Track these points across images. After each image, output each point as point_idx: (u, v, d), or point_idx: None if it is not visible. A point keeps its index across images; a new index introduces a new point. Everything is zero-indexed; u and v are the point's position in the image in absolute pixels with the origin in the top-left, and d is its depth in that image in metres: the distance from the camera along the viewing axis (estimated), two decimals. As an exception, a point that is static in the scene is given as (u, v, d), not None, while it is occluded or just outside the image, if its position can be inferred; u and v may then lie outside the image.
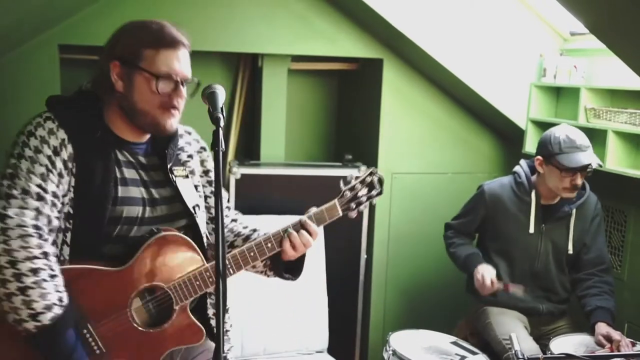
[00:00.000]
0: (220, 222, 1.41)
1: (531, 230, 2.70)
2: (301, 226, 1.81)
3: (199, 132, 1.99)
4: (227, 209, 2.00)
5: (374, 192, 1.90)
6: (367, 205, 1.91)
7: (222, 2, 3.04)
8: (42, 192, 1.57)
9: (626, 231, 2.91)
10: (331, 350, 3.01)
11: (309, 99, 3.83)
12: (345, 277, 3.30)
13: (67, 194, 1.62)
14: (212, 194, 1.90)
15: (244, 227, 1.98)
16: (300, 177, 3.20)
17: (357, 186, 1.87)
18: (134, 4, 2.81)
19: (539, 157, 2.65)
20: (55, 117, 1.64)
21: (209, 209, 1.91)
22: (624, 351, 2.35)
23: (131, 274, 1.66)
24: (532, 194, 2.70)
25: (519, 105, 3.26)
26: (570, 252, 2.71)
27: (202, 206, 1.85)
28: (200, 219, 1.82)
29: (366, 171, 1.90)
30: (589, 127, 2.85)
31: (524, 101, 3.25)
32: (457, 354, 2.47)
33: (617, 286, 2.74)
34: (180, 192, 1.77)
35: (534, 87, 3.22)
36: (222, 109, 1.53)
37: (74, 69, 2.92)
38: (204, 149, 1.92)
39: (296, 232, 1.80)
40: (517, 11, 3.22)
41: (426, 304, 3.53)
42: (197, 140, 1.93)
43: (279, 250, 1.80)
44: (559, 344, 2.45)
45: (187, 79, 1.71)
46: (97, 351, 1.63)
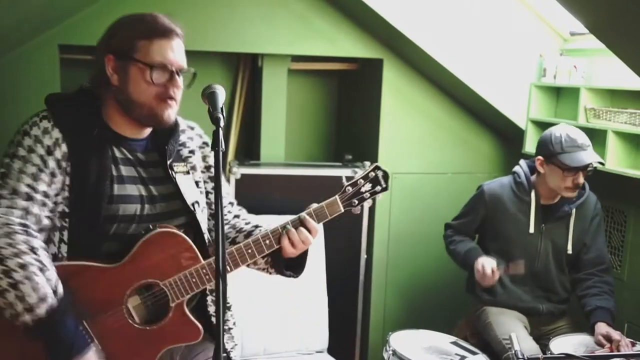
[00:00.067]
0: (220, 221, 1.41)
1: (531, 230, 2.70)
2: (300, 223, 1.77)
3: (199, 132, 1.98)
4: (230, 204, 1.98)
5: (377, 188, 1.84)
6: (370, 201, 1.85)
7: (222, 2, 3.04)
8: (32, 192, 1.58)
9: (626, 231, 2.91)
10: (331, 350, 3.01)
11: (309, 99, 3.83)
12: (345, 277, 3.29)
13: (60, 193, 1.62)
14: (212, 190, 1.88)
15: (246, 223, 1.96)
16: (300, 177, 3.19)
17: (360, 182, 1.83)
18: (134, 4, 2.80)
19: (540, 157, 2.65)
20: (51, 116, 1.64)
21: (210, 205, 1.89)
22: (624, 351, 2.35)
23: (126, 270, 1.65)
24: (532, 194, 2.70)
25: (519, 105, 3.26)
26: (569, 252, 2.71)
27: (202, 203, 1.84)
28: (200, 216, 1.80)
29: (370, 167, 1.85)
30: (589, 127, 2.85)
31: (524, 101, 3.25)
32: (457, 354, 2.47)
33: (617, 286, 2.74)
34: (180, 188, 1.75)
35: (534, 87, 3.22)
36: (222, 109, 1.53)
37: (74, 69, 2.92)
38: (206, 144, 1.89)
39: (295, 229, 1.76)
40: (517, 11, 3.22)
41: (426, 304, 3.53)
42: (200, 135, 1.91)
43: (277, 247, 1.76)
44: (559, 344, 2.45)
45: (183, 69, 1.70)
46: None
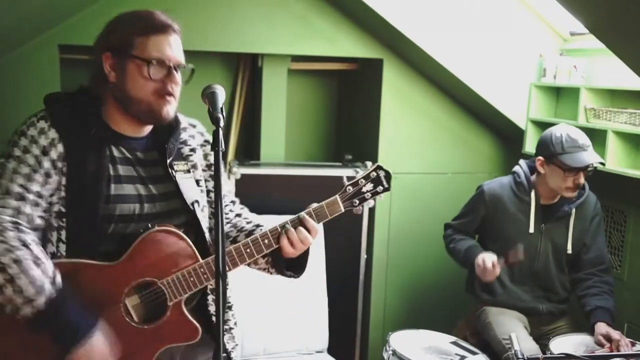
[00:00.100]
0: (220, 221, 1.41)
1: (531, 230, 2.70)
2: (299, 222, 1.75)
3: (199, 132, 1.98)
4: (232, 203, 1.97)
5: (379, 188, 1.80)
6: (372, 202, 1.82)
7: (222, 2, 3.04)
8: (25, 192, 1.59)
9: (626, 231, 2.91)
10: (331, 350, 3.01)
11: (309, 99, 3.83)
12: (345, 277, 3.29)
13: (55, 193, 1.62)
14: (213, 189, 1.85)
15: (248, 222, 1.94)
16: (300, 177, 3.19)
17: (361, 181, 1.80)
18: (134, 4, 2.78)
19: (540, 157, 2.65)
20: (49, 116, 1.65)
21: (211, 203, 1.87)
22: (624, 351, 2.36)
23: (124, 268, 1.65)
24: (532, 194, 2.70)
25: (519, 105, 3.26)
26: (569, 251, 2.72)
27: (203, 201, 1.82)
28: (200, 215, 1.79)
29: (372, 166, 1.82)
30: (589, 127, 2.85)
31: (524, 101, 3.25)
32: (457, 354, 2.47)
33: (617, 286, 2.74)
34: (179, 188, 1.74)
35: (533, 87, 3.22)
36: (222, 109, 1.53)
37: (74, 69, 2.92)
38: (207, 142, 1.87)
39: (294, 228, 1.74)
40: (517, 11, 3.22)
41: (426, 304, 3.54)
42: (202, 133, 1.90)
43: (276, 247, 1.74)
44: (559, 344, 2.45)
45: (180, 64, 1.69)
46: None
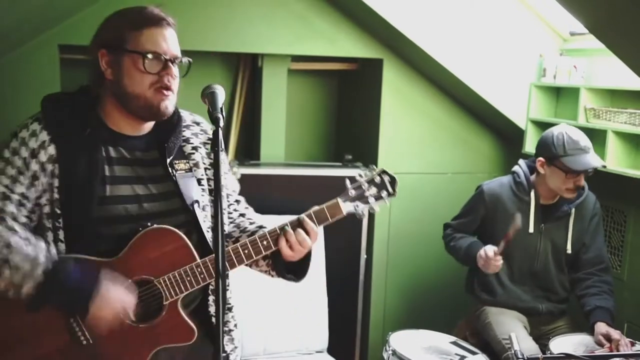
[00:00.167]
0: (220, 222, 1.40)
1: (530, 230, 2.70)
2: (299, 224, 1.72)
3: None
4: (237, 202, 1.94)
5: (384, 193, 1.75)
6: (376, 207, 1.77)
7: (222, 2, 3.04)
8: (8, 192, 1.60)
9: (626, 231, 2.92)
10: (331, 350, 3.01)
11: (309, 99, 3.84)
12: (345, 277, 3.29)
13: (43, 195, 1.62)
14: None
15: (251, 222, 1.90)
16: (300, 177, 3.20)
17: (364, 185, 1.75)
18: (134, 4, 2.80)
19: (541, 158, 2.64)
20: (42, 118, 1.64)
21: (213, 202, 1.83)
22: (623, 351, 2.36)
23: (120, 265, 1.63)
24: (532, 194, 2.70)
25: (519, 105, 3.26)
26: (569, 251, 2.72)
27: (204, 201, 1.79)
28: (200, 215, 1.76)
29: (377, 170, 1.77)
30: (589, 127, 2.85)
31: (524, 101, 3.25)
32: (457, 354, 2.47)
33: (616, 286, 2.74)
34: (179, 187, 1.72)
35: (533, 87, 3.22)
36: (221, 109, 1.52)
37: (74, 69, 2.92)
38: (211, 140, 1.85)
39: (293, 230, 1.70)
40: (517, 11, 3.22)
41: (426, 304, 3.54)
42: (205, 131, 1.86)
43: (275, 249, 1.72)
44: (559, 344, 2.45)
45: (176, 57, 1.66)
46: (83, 342, 1.62)
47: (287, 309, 2.93)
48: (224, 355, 1.43)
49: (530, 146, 3.20)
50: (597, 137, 2.81)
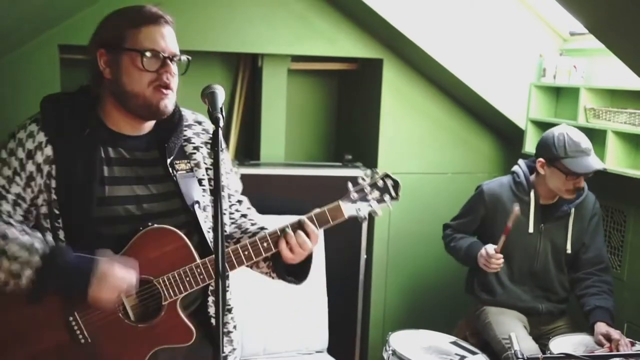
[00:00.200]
0: (219, 222, 1.40)
1: (530, 230, 2.70)
2: (299, 226, 1.70)
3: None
4: (239, 202, 1.92)
5: (386, 197, 1.74)
6: (379, 211, 1.75)
7: (222, 2, 3.04)
8: (4, 192, 1.61)
9: (626, 231, 2.92)
10: (331, 350, 3.01)
11: (309, 99, 3.84)
12: (345, 277, 3.29)
13: (39, 195, 1.62)
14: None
15: (252, 223, 1.89)
16: (300, 177, 3.20)
17: (367, 189, 1.73)
18: (134, 4, 2.81)
19: (541, 159, 2.64)
20: (40, 119, 1.64)
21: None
22: (623, 351, 2.36)
23: None
24: (531, 194, 2.70)
25: (519, 105, 3.27)
26: (569, 251, 2.72)
27: (205, 201, 1.78)
28: (201, 215, 1.75)
29: (380, 174, 1.75)
30: (589, 127, 2.85)
31: (524, 101, 3.25)
32: (456, 354, 2.47)
33: (616, 286, 2.74)
34: (180, 187, 1.71)
35: (533, 87, 3.22)
36: (221, 109, 1.52)
37: (74, 69, 2.92)
38: None
39: (293, 232, 1.69)
40: (517, 11, 3.22)
41: (426, 304, 3.54)
42: (207, 131, 1.85)
43: (275, 251, 1.70)
44: (559, 344, 2.45)
45: (175, 55, 1.65)
46: (82, 340, 1.62)
47: (287, 309, 2.93)
48: (222, 356, 1.42)
49: (530, 146, 3.20)
50: (597, 137, 2.81)
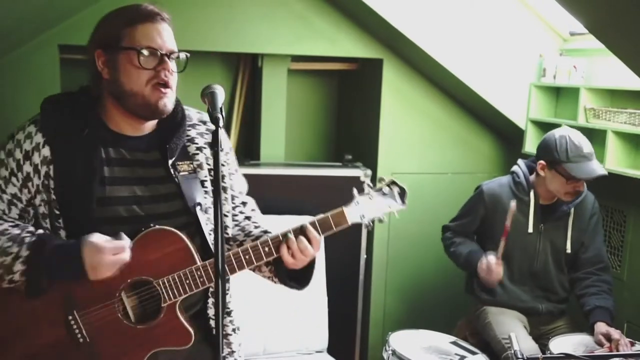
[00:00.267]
0: (219, 224, 1.40)
1: (530, 230, 2.70)
2: (301, 231, 1.68)
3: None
4: (243, 204, 1.90)
5: (392, 204, 1.72)
6: (384, 217, 1.73)
7: (222, 2, 3.04)
8: (0, 192, 1.63)
9: (625, 231, 2.91)
10: (331, 350, 3.01)
11: (309, 99, 3.84)
12: (345, 277, 3.29)
13: (36, 196, 1.63)
14: (222, 190, 1.79)
15: (256, 226, 1.87)
16: (300, 177, 3.19)
17: (372, 195, 1.71)
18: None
19: (542, 161, 2.63)
20: (39, 120, 1.65)
21: None
22: (623, 351, 2.36)
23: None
24: (531, 194, 2.70)
25: (519, 105, 3.26)
26: (568, 251, 2.72)
27: (207, 203, 1.75)
28: (202, 217, 1.73)
29: (386, 181, 1.73)
30: (589, 127, 2.85)
31: (524, 101, 3.25)
32: (456, 354, 2.47)
33: (616, 286, 2.74)
34: (181, 189, 1.70)
35: (533, 87, 3.22)
36: (221, 109, 1.51)
37: (74, 69, 2.92)
38: None
39: (295, 237, 1.67)
40: (517, 11, 3.22)
41: (426, 304, 3.54)
42: (211, 130, 1.80)
43: (277, 255, 1.69)
44: (558, 344, 2.45)
45: (173, 52, 1.64)
46: (80, 339, 1.62)
47: (287, 309, 2.93)
48: (222, 356, 1.42)
49: (530, 146, 3.21)
50: (596, 137, 2.81)
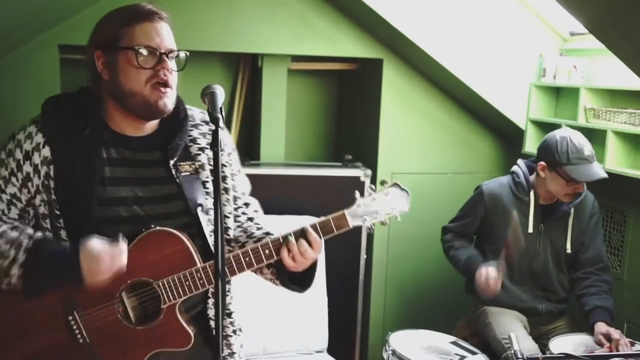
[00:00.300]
0: (219, 226, 1.40)
1: (530, 230, 2.70)
2: (301, 234, 1.66)
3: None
4: (246, 205, 1.88)
5: (395, 208, 1.70)
6: (386, 220, 1.70)
7: (222, 2, 3.04)
8: (0, 193, 1.63)
9: (625, 231, 2.91)
10: (331, 350, 3.01)
11: (309, 99, 3.84)
12: (345, 277, 3.29)
13: (36, 196, 1.63)
14: (224, 191, 1.79)
15: (258, 228, 1.85)
16: (300, 177, 3.19)
17: (375, 197, 1.69)
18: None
19: (543, 162, 2.63)
20: (39, 120, 1.64)
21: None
22: (623, 351, 2.36)
23: None
24: (531, 194, 2.70)
25: (519, 105, 3.26)
26: (568, 251, 2.72)
27: (208, 204, 1.74)
28: (203, 219, 1.72)
29: (389, 184, 1.71)
30: (589, 127, 2.85)
31: (524, 101, 3.25)
32: (456, 354, 2.47)
33: (616, 286, 2.74)
34: (183, 190, 1.69)
35: (533, 87, 3.22)
36: (221, 109, 1.51)
37: (74, 69, 2.92)
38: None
39: (296, 240, 1.66)
40: (517, 11, 3.22)
41: (426, 304, 3.54)
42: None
43: (277, 258, 1.68)
44: (558, 344, 2.45)
45: (172, 51, 1.63)
46: (80, 340, 1.62)
47: (287, 309, 2.93)
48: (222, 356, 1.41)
49: (530, 146, 3.21)
50: (596, 137, 2.81)
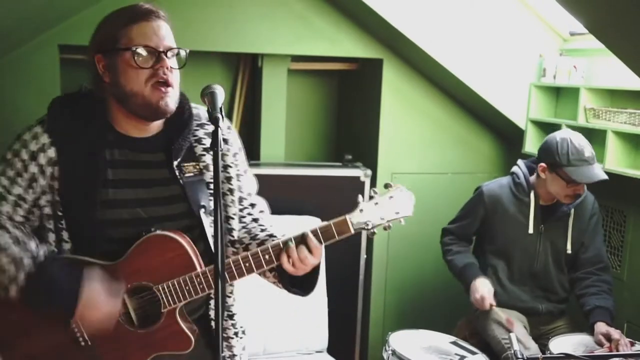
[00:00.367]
0: (219, 226, 1.40)
1: (530, 230, 2.70)
2: (302, 240, 1.64)
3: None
4: (252, 206, 1.84)
5: (397, 212, 1.65)
6: (390, 224, 1.66)
7: (222, 2, 3.04)
8: (5, 193, 1.61)
9: (625, 231, 2.91)
10: (331, 350, 3.01)
11: (309, 99, 3.84)
12: (345, 277, 3.30)
13: (41, 197, 1.62)
14: (229, 192, 1.77)
15: (262, 229, 1.83)
16: (300, 177, 3.19)
17: (378, 202, 1.64)
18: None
19: (543, 164, 2.63)
20: (45, 121, 1.64)
21: (224, 207, 1.77)
22: (623, 351, 2.36)
23: (121, 269, 1.62)
24: (531, 195, 2.70)
25: (519, 105, 3.26)
26: (569, 252, 2.72)
27: (212, 206, 1.71)
28: (206, 220, 1.70)
29: (392, 188, 1.65)
30: (589, 127, 2.85)
31: (524, 101, 3.25)
32: (456, 354, 2.47)
33: (616, 286, 2.74)
34: (186, 191, 1.68)
35: (533, 87, 3.22)
36: (221, 109, 1.51)
37: (74, 69, 2.92)
38: (225, 141, 1.67)
39: (296, 246, 1.63)
40: (517, 11, 3.22)
41: (426, 304, 3.54)
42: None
43: (277, 264, 1.65)
44: (558, 344, 2.45)
45: (171, 48, 1.61)
46: (82, 343, 1.62)
47: (287, 309, 2.93)
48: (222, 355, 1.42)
49: (530, 146, 3.21)
50: (596, 137, 2.81)
